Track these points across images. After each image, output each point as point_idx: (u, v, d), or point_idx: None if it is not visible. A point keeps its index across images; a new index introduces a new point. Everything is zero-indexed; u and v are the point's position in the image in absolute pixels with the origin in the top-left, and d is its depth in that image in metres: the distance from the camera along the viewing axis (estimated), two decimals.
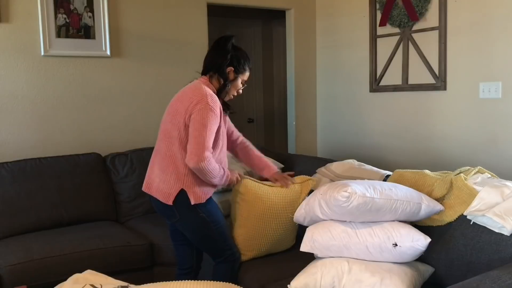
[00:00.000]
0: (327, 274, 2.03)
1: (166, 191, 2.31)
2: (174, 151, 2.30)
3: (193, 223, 2.37)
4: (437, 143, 3.73)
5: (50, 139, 3.54)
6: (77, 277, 1.79)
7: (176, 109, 2.31)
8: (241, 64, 2.40)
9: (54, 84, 3.53)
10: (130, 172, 3.49)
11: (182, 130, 2.27)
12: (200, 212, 2.34)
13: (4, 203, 3.06)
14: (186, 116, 2.25)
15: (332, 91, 4.61)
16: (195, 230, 2.40)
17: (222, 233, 2.41)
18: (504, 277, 1.64)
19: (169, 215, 2.39)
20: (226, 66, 2.37)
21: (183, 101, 2.29)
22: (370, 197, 2.00)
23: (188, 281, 1.65)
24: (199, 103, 2.23)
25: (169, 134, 2.32)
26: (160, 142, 2.40)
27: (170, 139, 2.32)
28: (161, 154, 2.37)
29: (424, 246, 2.01)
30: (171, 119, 2.33)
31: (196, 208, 2.32)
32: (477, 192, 2.12)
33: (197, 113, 2.22)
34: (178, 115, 2.28)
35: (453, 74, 3.59)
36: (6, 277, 2.57)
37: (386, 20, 3.98)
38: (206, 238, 2.41)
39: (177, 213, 2.35)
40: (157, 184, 2.36)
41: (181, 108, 2.28)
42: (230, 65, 2.38)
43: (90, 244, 2.83)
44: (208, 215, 2.36)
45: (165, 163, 2.33)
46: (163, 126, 2.40)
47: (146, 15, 3.85)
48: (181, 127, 2.27)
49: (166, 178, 2.32)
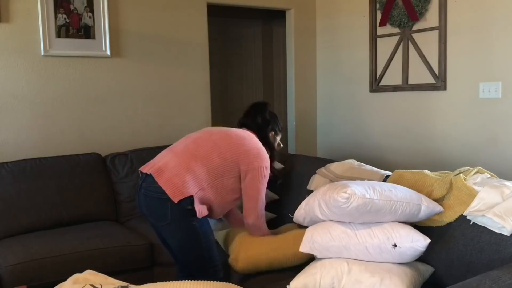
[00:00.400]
0: (326, 274, 2.03)
1: (179, 188, 2.23)
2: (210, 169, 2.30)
3: (183, 230, 2.29)
4: (437, 143, 3.73)
5: (50, 139, 3.54)
6: (77, 277, 1.79)
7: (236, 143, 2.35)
8: (278, 127, 2.70)
9: (54, 84, 3.54)
10: (130, 172, 3.49)
11: (229, 166, 2.31)
12: (193, 220, 2.26)
13: (4, 203, 3.06)
14: (245, 169, 2.33)
15: (332, 91, 4.61)
16: (183, 238, 2.31)
17: (209, 248, 2.33)
18: (504, 277, 1.64)
19: (160, 215, 2.29)
20: (269, 132, 2.63)
21: (243, 146, 2.35)
22: (369, 198, 2.00)
23: (188, 281, 1.65)
24: (261, 166, 2.35)
25: (210, 153, 2.32)
26: (197, 146, 2.35)
27: (210, 155, 2.31)
28: (194, 157, 2.30)
29: (423, 247, 2.01)
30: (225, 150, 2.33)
31: (191, 216, 2.25)
32: (476, 192, 2.12)
33: (257, 174, 2.34)
34: (235, 155, 2.32)
35: (453, 74, 3.59)
36: (6, 277, 2.57)
37: (386, 20, 3.98)
38: (192, 250, 2.32)
39: (170, 215, 2.26)
40: (169, 176, 2.26)
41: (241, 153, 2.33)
42: (272, 131, 2.65)
43: (90, 244, 2.83)
44: (201, 225, 2.29)
45: (194, 166, 2.27)
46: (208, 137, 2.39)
47: (146, 15, 3.85)
48: (233, 167, 2.32)
49: (186, 177, 2.25)
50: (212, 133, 2.43)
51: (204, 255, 2.33)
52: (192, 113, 4.11)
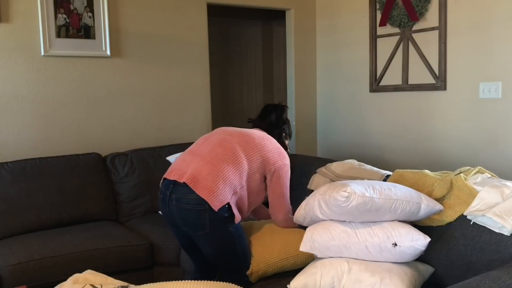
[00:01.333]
0: (326, 274, 2.03)
1: (218, 196, 2.19)
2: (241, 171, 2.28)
3: (221, 237, 2.27)
4: (437, 143, 3.73)
5: (50, 139, 3.54)
6: (77, 277, 1.79)
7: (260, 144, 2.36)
8: (288, 130, 2.78)
9: (54, 84, 3.54)
10: (130, 172, 3.49)
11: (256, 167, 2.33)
12: (230, 226, 2.26)
13: (4, 203, 3.05)
14: (270, 168, 2.36)
15: (332, 91, 4.61)
16: (220, 244, 2.28)
17: (244, 250, 2.33)
18: (504, 277, 1.64)
19: (198, 225, 2.23)
20: (282, 133, 2.72)
21: (267, 147, 2.37)
22: (369, 197, 2.00)
23: (188, 281, 1.65)
24: (285, 164, 2.40)
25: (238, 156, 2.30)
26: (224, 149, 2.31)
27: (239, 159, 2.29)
28: (224, 161, 2.27)
29: (423, 246, 2.01)
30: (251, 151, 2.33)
31: (228, 223, 2.24)
32: (477, 192, 2.12)
33: (283, 173, 2.39)
34: (261, 156, 2.34)
35: (453, 74, 3.59)
36: (6, 277, 2.57)
37: (386, 20, 3.98)
38: (228, 253, 2.31)
39: (208, 224, 2.21)
40: (207, 185, 2.20)
41: (266, 153, 2.35)
42: (284, 132, 2.74)
43: (90, 244, 2.83)
44: (235, 229, 2.29)
45: (227, 172, 2.24)
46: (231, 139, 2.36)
47: (146, 15, 3.85)
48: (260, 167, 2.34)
49: (221, 185, 2.21)
50: (233, 135, 2.39)
51: (240, 258, 2.33)
52: (192, 113, 4.11)
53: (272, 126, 2.67)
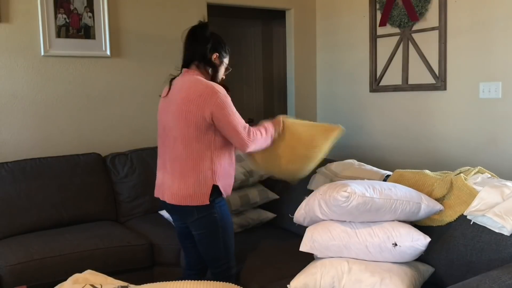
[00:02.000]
0: (326, 274, 2.03)
1: (199, 193, 2.24)
2: (198, 151, 2.26)
3: (205, 223, 2.31)
4: (437, 143, 3.73)
5: (50, 139, 3.54)
6: (77, 277, 1.79)
7: (186, 110, 2.25)
8: (223, 48, 2.45)
9: (54, 84, 3.54)
10: (130, 172, 3.49)
11: (203, 128, 2.23)
12: (214, 212, 2.29)
13: (4, 203, 3.05)
14: (205, 114, 2.21)
15: (332, 91, 4.61)
16: (203, 230, 2.34)
17: (226, 242, 2.35)
18: (504, 277, 1.64)
19: (187, 214, 2.32)
20: (211, 53, 2.39)
21: (192, 101, 2.23)
22: (369, 197, 2.00)
23: (188, 281, 1.65)
24: (212, 97, 2.22)
25: (187, 137, 2.26)
26: (174, 149, 2.31)
27: (189, 140, 2.26)
28: (182, 159, 2.28)
29: (424, 246, 2.01)
30: (184, 122, 2.25)
31: (213, 207, 2.28)
32: (477, 192, 2.12)
33: (216, 107, 2.21)
34: (191, 116, 2.23)
35: (453, 74, 3.59)
36: (6, 277, 2.57)
37: (386, 20, 3.98)
38: (210, 241, 2.35)
39: (196, 212, 2.28)
40: (186, 192, 2.27)
41: (193, 108, 2.22)
42: (214, 51, 2.40)
43: (90, 244, 2.83)
44: (220, 218, 2.31)
45: (191, 166, 2.26)
46: (173, 133, 2.32)
47: (146, 15, 3.85)
48: (201, 126, 2.23)
49: (195, 181, 2.25)
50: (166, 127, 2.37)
51: (220, 249, 2.35)
52: None
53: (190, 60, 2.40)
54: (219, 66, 2.46)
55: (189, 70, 2.38)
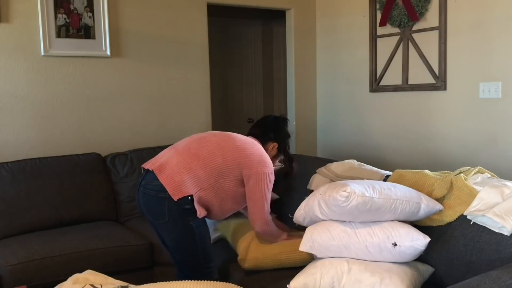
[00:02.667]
0: (326, 274, 2.03)
1: (179, 186, 2.23)
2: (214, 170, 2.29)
3: (179, 230, 2.29)
4: (437, 143, 3.73)
5: (50, 139, 3.54)
6: (77, 277, 1.79)
7: (234, 149, 2.33)
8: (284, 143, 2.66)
9: (54, 84, 3.54)
10: (130, 172, 3.50)
11: (231, 168, 2.31)
12: (191, 220, 2.26)
13: (4, 203, 3.06)
14: (247, 173, 2.32)
15: (332, 91, 4.61)
16: (177, 238, 2.32)
17: (204, 249, 2.33)
18: (504, 277, 1.64)
19: (158, 213, 2.29)
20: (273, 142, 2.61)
21: (247, 150, 2.34)
22: (369, 196, 2.00)
23: (188, 281, 1.65)
24: (265, 172, 2.34)
25: (212, 153, 2.31)
26: (199, 145, 2.34)
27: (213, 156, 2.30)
28: (196, 156, 2.30)
29: (423, 246, 2.01)
30: (228, 151, 2.32)
31: (188, 216, 2.26)
32: (477, 192, 2.12)
33: (261, 179, 2.32)
34: (237, 158, 2.31)
35: (453, 74, 3.59)
36: (6, 277, 2.57)
37: (386, 20, 3.98)
38: (187, 249, 2.33)
39: (167, 213, 2.25)
40: (170, 173, 2.25)
41: (244, 157, 2.32)
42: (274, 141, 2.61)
43: (90, 244, 2.83)
44: (197, 225, 2.29)
45: (195, 166, 2.27)
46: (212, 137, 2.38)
47: (146, 15, 3.85)
48: (234, 169, 2.31)
49: (187, 176, 2.25)
50: (215, 135, 2.43)
51: (199, 256, 2.33)
52: (192, 113, 4.11)
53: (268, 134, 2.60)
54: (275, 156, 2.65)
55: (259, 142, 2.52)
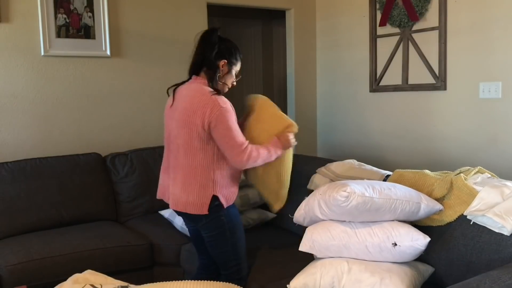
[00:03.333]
0: (326, 274, 2.03)
1: (199, 203, 2.25)
2: (200, 161, 2.26)
3: (213, 226, 2.30)
4: (437, 143, 3.73)
5: (50, 139, 3.54)
6: (77, 277, 1.79)
7: (189, 121, 2.24)
8: (232, 55, 2.33)
9: (54, 84, 3.54)
10: (130, 172, 3.49)
11: (205, 139, 2.23)
12: (222, 215, 2.28)
13: (4, 203, 3.06)
14: (205, 126, 2.19)
15: (332, 91, 4.61)
16: (212, 232, 2.33)
17: (234, 244, 2.34)
18: (504, 277, 1.64)
19: (197, 219, 2.33)
20: (218, 60, 2.30)
21: (194, 111, 2.22)
22: (369, 196, 2.00)
23: (188, 281, 1.65)
24: (213, 110, 2.18)
25: (190, 147, 2.26)
26: (177, 157, 2.32)
27: (191, 151, 2.26)
28: (184, 168, 2.28)
29: (423, 246, 2.01)
30: (187, 132, 2.24)
31: (220, 211, 2.28)
32: (477, 192, 2.12)
33: (216, 120, 2.17)
34: (193, 126, 2.22)
35: (453, 74, 3.59)
36: (6, 277, 2.57)
37: (386, 20, 3.98)
38: (219, 244, 2.34)
39: (204, 217, 2.28)
40: (186, 200, 2.28)
41: (195, 119, 2.21)
42: (222, 58, 2.30)
43: (90, 244, 2.83)
44: (228, 221, 2.30)
45: (192, 175, 2.26)
46: (177, 141, 2.31)
47: (146, 15, 3.85)
48: (203, 137, 2.22)
49: (195, 190, 2.25)
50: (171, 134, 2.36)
51: (228, 252, 2.34)
52: None
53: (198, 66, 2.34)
54: (227, 74, 2.35)
55: (197, 77, 2.35)
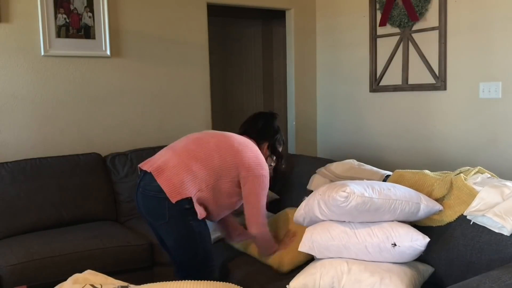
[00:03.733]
0: (326, 274, 2.03)
1: (177, 188, 2.22)
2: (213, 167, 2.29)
3: (180, 229, 2.28)
4: (437, 143, 3.73)
5: (50, 139, 3.54)
6: (77, 277, 1.79)
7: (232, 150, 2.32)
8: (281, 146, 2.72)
9: (54, 84, 3.54)
10: (130, 172, 3.49)
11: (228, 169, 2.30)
12: (191, 219, 2.25)
13: (4, 203, 3.06)
14: (243, 173, 2.30)
15: (332, 91, 4.61)
16: (178, 238, 2.30)
17: (205, 248, 2.33)
18: (504, 277, 1.64)
19: (158, 214, 2.29)
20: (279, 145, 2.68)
21: (244, 153, 2.32)
22: (368, 197, 2.00)
23: (188, 281, 1.65)
24: (261, 174, 2.33)
25: (210, 155, 2.30)
26: (197, 146, 2.33)
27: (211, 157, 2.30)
28: (194, 157, 2.29)
29: (423, 246, 2.01)
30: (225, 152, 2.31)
31: (188, 215, 2.25)
32: (477, 192, 2.12)
33: (259, 179, 2.32)
34: (235, 159, 2.30)
35: (453, 74, 3.59)
36: (6, 277, 2.57)
37: (386, 20, 3.98)
38: (188, 249, 2.32)
39: (167, 214, 2.25)
40: (169, 175, 2.24)
41: (241, 159, 2.30)
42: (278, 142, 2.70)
43: (90, 244, 2.83)
44: (197, 225, 2.28)
45: (194, 167, 2.26)
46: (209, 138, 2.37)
47: (146, 15, 3.85)
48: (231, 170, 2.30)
49: (185, 178, 2.24)
50: (213, 135, 2.42)
51: (200, 255, 2.33)
52: (192, 113, 4.11)
53: (262, 135, 2.63)
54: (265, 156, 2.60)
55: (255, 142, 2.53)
